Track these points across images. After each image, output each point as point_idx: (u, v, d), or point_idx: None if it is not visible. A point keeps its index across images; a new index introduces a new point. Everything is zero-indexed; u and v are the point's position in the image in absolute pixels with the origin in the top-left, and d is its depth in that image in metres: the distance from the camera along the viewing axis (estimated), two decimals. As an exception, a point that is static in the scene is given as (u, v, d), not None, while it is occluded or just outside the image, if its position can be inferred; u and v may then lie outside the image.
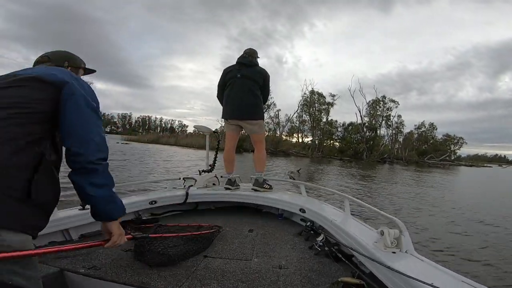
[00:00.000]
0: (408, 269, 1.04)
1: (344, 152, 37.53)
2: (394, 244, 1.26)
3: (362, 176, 13.68)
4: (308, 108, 42.13)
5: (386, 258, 1.16)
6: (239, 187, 2.73)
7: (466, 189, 11.54)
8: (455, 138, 52.80)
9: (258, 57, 2.82)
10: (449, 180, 15.80)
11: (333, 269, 1.43)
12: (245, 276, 1.33)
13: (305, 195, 2.42)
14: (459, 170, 30.85)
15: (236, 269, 1.40)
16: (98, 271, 1.30)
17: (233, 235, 1.91)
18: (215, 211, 2.60)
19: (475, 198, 8.73)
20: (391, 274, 1.08)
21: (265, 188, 2.59)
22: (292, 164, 18.54)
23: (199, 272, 1.36)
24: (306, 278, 1.32)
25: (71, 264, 1.34)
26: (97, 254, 1.48)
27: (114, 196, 0.98)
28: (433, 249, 3.60)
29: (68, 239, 1.68)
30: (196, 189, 2.57)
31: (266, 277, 1.33)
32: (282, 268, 1.43)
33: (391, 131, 44.98)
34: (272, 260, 1.52)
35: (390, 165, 30.06)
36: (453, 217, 5.56)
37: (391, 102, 43.57)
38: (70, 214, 1.67)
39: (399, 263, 1.12)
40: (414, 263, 1.15)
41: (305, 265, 1.47)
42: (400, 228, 1.28)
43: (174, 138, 45.27)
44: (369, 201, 6.50)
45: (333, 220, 1.71)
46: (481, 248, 3.74)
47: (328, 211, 1.96)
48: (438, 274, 1.06)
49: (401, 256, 1.21)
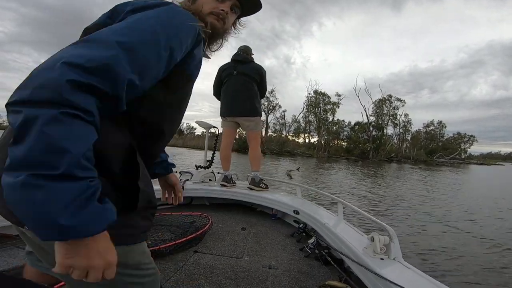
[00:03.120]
0: (394, 276, 1.04)
1: (351, 152, 37.22)
2: (383, 251, 1.25)
3: (365, 176, 13.52)
4: (313, 108, 41.99)
5: (374, 264, 1.16)
6: (235, 184, 2.71)
7: (461, 189, 11.14)
8: (466, 136, 51.80)
9: (252, 53, 2.79)
10: (451, 179, 15.44)
11: (321, 272, 1.43)
12: (234, 273, 1.34)
13: (300, 197, 2.41)
14: (469, 169, 30.19)
15: (226, 266, 1.41)
16: None
17: (226, 232, 1.91)
18: (209, 206, 2.59)
19: (471, 199, 8.45)
20: (377, 280, 1.08)
21: (261, 188, 2.57)
22: (295, 164, 18.45)
23: (188, 267, 1.36)
24: (294, 279, 1.33)
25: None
26: None
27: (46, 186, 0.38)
28: (425, 259, 3.46)
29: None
30: (192, 183, 2.56)
31: (255, 276, 1.34)
32: (272, 268, 1.44)
33: (398, 130, 44.49)
34: (262, 260, 1.53)
35: (398, 164, 29.65)
36: (446, 221, 5.36)
37: (398, 101, 43.14)
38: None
39: (386, 269, 1.12)
40: (400, 271, 1.14)
41: (294, 266, 1.48)
42: (390, 235, 1.27)
43: (182, 139, 45.73)
44: (365, 204, 6.40)
45: (326, 224, 1.70)
46: (474, 258, 3.56)
47: (322, 214, 1.95)
48: (423, 283, 1.04)
49: (389, 263, 1.21)
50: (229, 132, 2.82)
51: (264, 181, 2.65)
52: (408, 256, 3.06)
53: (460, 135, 51.73)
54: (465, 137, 51.69)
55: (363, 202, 6.53)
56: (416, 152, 41.59)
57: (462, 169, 28.24)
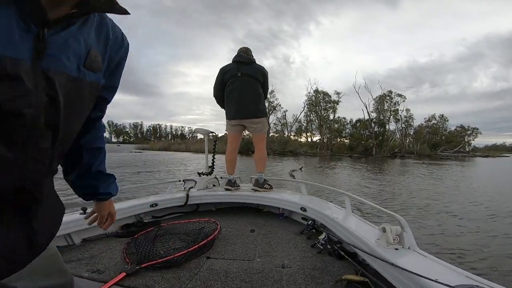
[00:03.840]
0: (411, 266, 1.02)
1: (354, 149, 37.07)
2: (396, 241, 1.24)
3: (369, 173, 13.46)
4: (314, 107, 41.97)
5: (389, 255, 1.14)
6: (239, 187, 2.70)
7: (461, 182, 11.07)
8: (469, 129, 51.40)
9: (252, 55, 2.78)
10: (451, 172, 15.32)
11: (336, 267, 1.41)
12: (248, 276, 1.33)
13: (305, 193, 2.40)
14: (474, 162, 29.95)
15: (239, 269, 1.40)
16: (101, 275, 1.30)
17: (235, 236, 1.90)
18: (215, 212, 2.58)
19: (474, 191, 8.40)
20: (395, 270, 1.07)
21: (265, 188, 2.56)
22: (299, 163, 18.42)
23: (202, 273, 1.35)
24: (309, 276, 1.32)
25: (75, 268, 1.34)
26: (101, 258, 1.48)
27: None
28: (438, 245, 3.46)
29: (70, 243, 1.68)
30: (196, 190, 2.55)
31: (269, 276, 1.33)
32: (285, 267, 1.42)
33: (400, 125, 44.29)
34: (274, 260, 1.51)
35: (402, 160, 29.47)
36: (455, 211, 5.36)
37: (398, 97, 42.99)
38: (72, 219, 1.66)
39: (402, 259, 1.10)
40: (417, 259, 1.12)
41: (308, 263, 1.46)
42: (402, 225, 1.25)
43: (185, 144, 45.92)
44: (372, 196, 6.37)
45: (335, 218, 1.69)
46: (486, 243, 3.56)
47: (329, 209, 1.94)
48: (442, 269, 1.02)
49: (404, 252, 1.19)
50: (235, 136, 2.80)
51: (268, 181, 2.64)
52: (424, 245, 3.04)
53: (464, 127, 51.33)
54: (469, 129, 51.31)
55: (374, 197, 6.50)
56: (420, 146, 41.32)
57: (466, 162, 28.04)
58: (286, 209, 2.26)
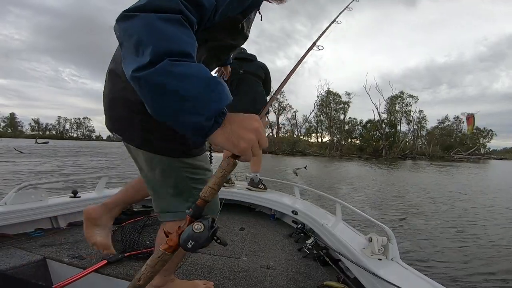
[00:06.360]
0: (391, 277, 1.02)
1: (364, 150, 36.55)
2: (381, 251, 1.23)
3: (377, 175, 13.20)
4: (324, 108, 41.64)
5: (371, 265, 1.13)
6: (233, 185, 2.67)
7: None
8: (484, 131, 49.75)
9: None
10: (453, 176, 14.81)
11: (320, 273, 1.41)
12: (232, 274, 1.32)
13: (298, 197, 2.37)
14: (488, 164, 28.96)
15: (224, 266, 1.39)
16: (82, 261, 1.28)
17: (224, 233, 1.89)
18: None
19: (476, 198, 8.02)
20: (375, 280, 1.06)
21: (260, 188, 2.52)
22: (304, 163, 18.27)
23: (185, 267, 1.34)
24: (292, 280, 1.31)
25: (55, 252, 1.33)
26: (85, 244, 1.44)
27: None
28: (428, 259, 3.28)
29: (55, 226, 1.66)
30: None
31: (254, 276, 1.32)
32: (270, 268, 1.42)
33: (412, 126, 43.35)
34: (260, 260, 1.51)
35: (413, 161, 28.81)
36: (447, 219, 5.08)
37: (410, 98, 42.08)
38: (59, 202, 1.65)
39: (383, 270, 1.09)
40: (398, 271, 1.11)
41: (292, 266, 1.45)
42: (388, 236, 1.24)
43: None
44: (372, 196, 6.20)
45: (324, 224, 1.67)
46: (476, 259, 3.34)
47: (320, 214, 1.91)
48: (420, 283, 1.01)
49: (387, 263, 1.17)
50: None
51: (263, 181, 2.60)
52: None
53: (479, 129, 49.71)
54: (484, 131, 49.69)
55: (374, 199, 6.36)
56: (432, 148, 40.35)
57: (479, 165, 27.08)
58: (278, 210, 2.24)
